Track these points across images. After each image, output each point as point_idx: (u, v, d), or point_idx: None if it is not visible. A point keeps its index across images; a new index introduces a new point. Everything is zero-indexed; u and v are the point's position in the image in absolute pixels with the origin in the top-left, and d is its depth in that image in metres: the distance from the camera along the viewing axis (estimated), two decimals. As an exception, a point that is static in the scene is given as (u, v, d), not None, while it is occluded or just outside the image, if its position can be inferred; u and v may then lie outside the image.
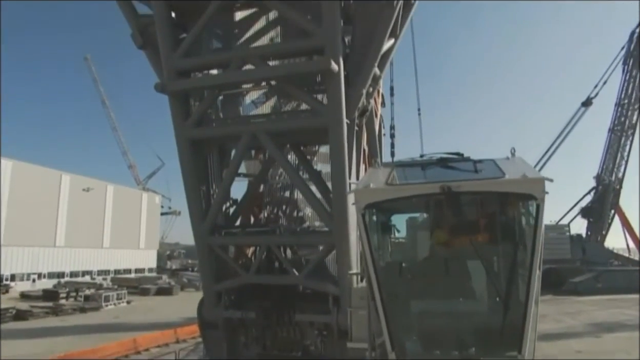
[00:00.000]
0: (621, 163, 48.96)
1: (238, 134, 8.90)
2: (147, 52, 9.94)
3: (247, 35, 9.67)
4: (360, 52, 8.79)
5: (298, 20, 8.42)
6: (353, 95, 8.57)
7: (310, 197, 8.94)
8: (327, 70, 7.87)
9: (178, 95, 9.12)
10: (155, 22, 9.15)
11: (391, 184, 5.90)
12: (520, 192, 5.41)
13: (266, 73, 8.59)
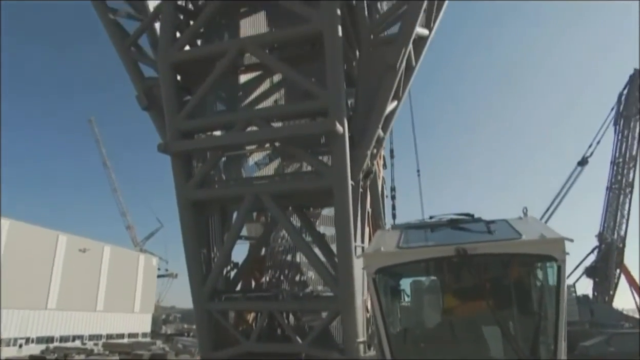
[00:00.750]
0: (622, 221, 48.68)
1: (241, 195, 8.77)
2: (151, 113, 10.05)
3: (251, 97, 9.77)
4: (364, 114, 8.84)
5: (302, 82, 8.53)
6: (358, 157, 8.52)
7: (314, 260, 8.67)
8: (331, 131, 7.87)
9: (181, 156, 9.09)
10: (161, 85, 9.29)
11: (403, 247, 5.68)
12: (539, 254, 5.18)
13: (270, 134, 8.59)
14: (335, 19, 8.28)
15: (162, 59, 9.22)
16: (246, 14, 10.39)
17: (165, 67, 9.19)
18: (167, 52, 9.21)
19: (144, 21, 11.00)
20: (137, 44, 10.63)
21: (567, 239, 5.04)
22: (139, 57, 10.38)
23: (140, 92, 9.96)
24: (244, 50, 9.08)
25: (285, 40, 9.16)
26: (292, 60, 9.15)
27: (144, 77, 10.22)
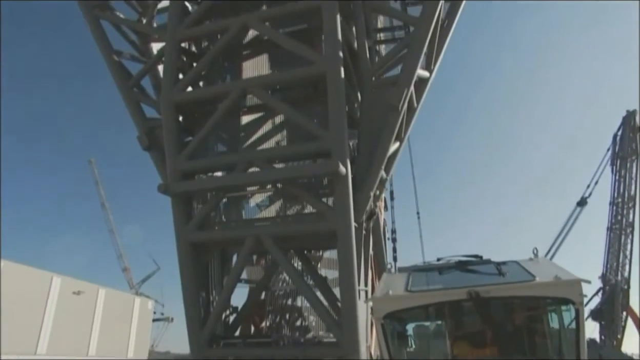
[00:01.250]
0: (625, 262, 48.15)
1: (241, 237, 8.58)
2: (152, 153, 10.01)
3: (253, 138, 9.73)
4: (367, 155, 8.79)
5: (304, 124, 8.51)
6: (361, 199, 8.41)
7: (316, 304, 8.39)
8: (334, 173, 7.78)
9: (181, 197, 8.97)
10: (163, 125, 9.28)
11: (412, 291, 5.48)
12: (556, 296, 4.98)
13: (272, 176, 8.49)
14: (338, 61, 8.35)
15: (164, 99, 9.24)
16: (249, 56, 10.51)
17: (167, 107, 9.20)
18: (169, 93, 9.24)
19: (147, 63, 11.14)
20: (139, 85, 10.71)
21: (584, 280, 4.86)
22: (141, 98, 10.43)
23: (141, 132, 9.95)
24: (246, 92, 9.12)
25: (288, 82, 9.22)
26: (295, 101, 9.17)
27: (146, 118, 10.23)
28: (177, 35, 9.74)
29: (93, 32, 10.77)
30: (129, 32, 11.61)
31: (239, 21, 9.40)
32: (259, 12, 9.67)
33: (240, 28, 9.50)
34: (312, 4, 8.94)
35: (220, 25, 9.71)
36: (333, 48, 8.48)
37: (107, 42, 10.78)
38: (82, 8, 10.87)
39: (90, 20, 10.78)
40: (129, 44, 11.60)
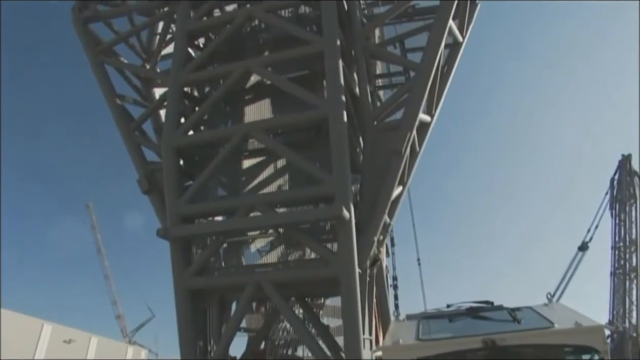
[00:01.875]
0: (632, 308, 47.22)
1: (242, 284, 8.32)
2: (151, 197, 9.89)
3: (255, 182, 9.63)
4: (370, 199, 8.68)
5: (307, 168, 8.43)
6: (364, 244, 8.21)
7: (318, 354, 8.03)
8: (338, 217, 7.63)
9: (180, 242, 8.76)
10: (163, 168, 9.19)
11: (424, 339, 5.22)
12: (578, 344, 4.71)
13: (274, 220, 8.32)
14: (341, 105, 8.37)
15: (165, 142, 9.20)
16: (251, 100, 10.58)
17: (168, 150, 9.15)
18: (171, 136, 9.21)
19: (149, 107, 11.21)
20: (141, 129, 10.73)
21: (605, 326, 4.62)
22: (142, 141, 10.41)
23: (141, 175, 9.87)
24: (248, 136, 9.09)
25: (291, 126, 9.22)
26: (297, 146, 9.14)
27: (147, 161, 10.18)
28: (180, 79, 9.82)
29: (97, 76, 10.88)
30: (132, 77, 11.77)
31: (241, 66, 9.51)
32: (262, 58, 9.80)
33: (243, 73, 9.59)
34: (315, 48, 9.07)
35: (223, 70, 9.82)
36: (335, 92, 8.52)
37: (111, 86, 10.88)
38: (88, 53, 11.02)
39: (95, 65, 10.91)
40: (132, 89, 11.72)
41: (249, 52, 10.53)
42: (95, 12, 11.37)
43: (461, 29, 10.76)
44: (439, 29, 9.46)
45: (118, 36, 11.65)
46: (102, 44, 11.32)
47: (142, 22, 12.05)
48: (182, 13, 10.58)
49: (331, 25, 9.16)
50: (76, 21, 11.24)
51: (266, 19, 10.14)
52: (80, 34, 11.19)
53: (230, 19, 10.30)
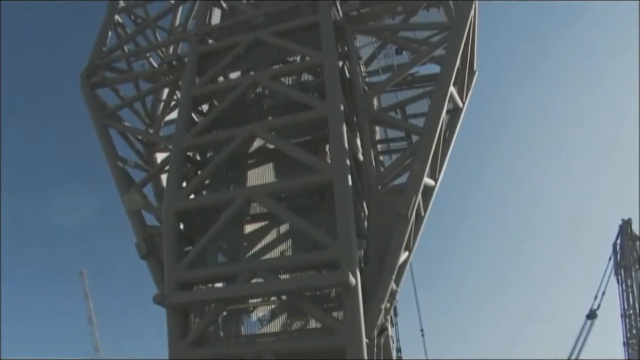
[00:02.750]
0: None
1: (242, 355, 7.87)
2: (149, 262, 9.68)
3: (257, 247, 9.40)
4: (376, 265, 8.45)
5: (312, 233, 8.24)
6: (371, 312, 7.90)
7: None
8: (344, 284, 7.37)
9: (178, 309, 8.40)
10: (163, 233, 9.00)
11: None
12: None
13: (277, 287, 8.03)
14: (345, 168, 8.34)
15: (166, 206, 9.06)
16: (253, 165, 10.56)
17: (169, 213, 8.99)
18: (172, 199, 9.09)
19: (150, 171, 11.18)
20: (141, 192, 10.62)
21: None
22: (143, 205, 10.26)
23: (140, 240, 9.68)
24: (251, 200, 8.97)
25: (294, 190, 9.15)
26: (300, 210, 8.99)
27: (146, 225, 10.00)
28: (183, 143, 9.85)
29: (101, 139, 10.97)
30: (135, 142, 11.85)
31: (245, 130, 9.57)
32: (266, 122, 9.89)
33: (247, 137, 9.64)
34: (319, 113, 9.19)
35: (227, 134, 9.86)
36: (340, 156, 8.52)
37: (114, 149, 10.93)
38: (93, 117, 11.16)
39: (99, 128, 11.01)
40: (134, 153, 11.77)
41: (252, 118, 10.63)
42: (103, 78, 11.63)
43: (461, 95, 11.00)
44: (441, 94, 9.63)
45: (123, 101, 11.85)
46: (108, 108, 11.48)
47: (147, 88, 12.32)
48: (187, 79, 10.81)
49: (334, 90, 9.33)
50: (84, 86, 11.47)
51: (270, 86, 10.35)
52: (87, 99, 11.38)
53: (235, 85, 10.52)
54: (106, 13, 12.81)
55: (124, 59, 12.21)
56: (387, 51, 12.75)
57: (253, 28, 11.33)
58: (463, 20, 9.85)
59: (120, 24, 12.99)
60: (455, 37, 9.78)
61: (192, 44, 11.38)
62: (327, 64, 9.78)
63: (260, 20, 11.56)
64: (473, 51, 11.13)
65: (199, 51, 11.27)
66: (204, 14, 12.12)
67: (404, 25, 11.59)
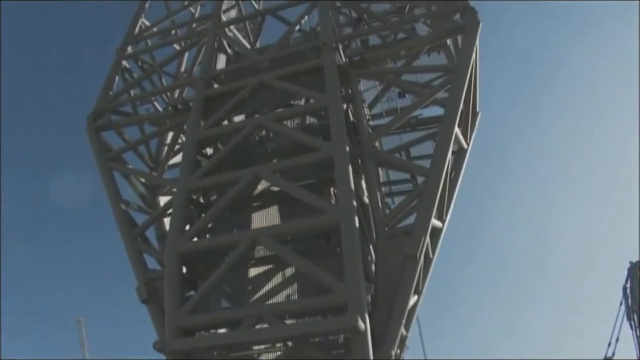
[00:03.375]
0: None
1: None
2: (149, 307, 9.38)
3: (262, 292, 9.13)
4: (385, 310, 8.17)
5: (318, 276, 8.02)
6: (381, 359, 7.53)
7: None
8: (353, 329, 7.07)
9: (179, 356, 8.04)
10: (165, 276, 8.77)
11: None
12: None
13: (283, 332, 7.72)
14: (352, 209, 8.22)
15: (169, 248, 8.88)
16: (257, 208, 10.44)
17: (171, 256, 8.79)
18: (175, 242, 8.92)
19: (153, 214, 11.06)
20: (143, 235, 10.49)
21: None
22: (144, 248, 10.12)
23: (141, 283, 9.43)
24: (256, 242, 8.80)
25: (301, 232, 8.99)
26: (306, 253, 8.79)
27: (147, 269, 9.79)
28: (187, 185, 9.78)
29: (104, 182, 10.92)
30: (138, 185, 11.79)
31: (250, 172, 9.51)
32: (271, 164, 9.85)
33: (252, 179, 9.57)
34: (324, 154, 9.17)
35: (232, 177, 9.79)
36: (346, 197, 8.42)
37: (117, 191, 10.86)
38: (98, 159, 11.15)
39: (103, 171, 10.98)
40: (137, 196, 11.69)
41: (256, 160, 10.61)
42: (109, 121, 11.71)
43: (465, 136, 11.05)
44: (446, 135, 9.63)
45: (127, 144, 11.88)
46: (112, 151, 11.49)
47: (152, 132, 12.39)
48: (192, 122, 10.89)
49: (339, 132, 9.35)
50: (90, 129, 11.53)
51: (275, 128, 10.40)
52: (92, 142, 11.42)
53: (240, 128, 10.56)
54: (114, 59, 13.08)
55: (130, 103, 12.35)
56: (390, 94, 12.94)
57: (258, 72, 11.55)
58: (465, 62, 9.99)
59: (127, 69, 13.24)
60: (459, 78, 9.90)
61: (198, 88, 11.54)
62: (331, 106, 9.85)
63: (265, 64, 11.80)
64: (475, 93, 11.26)
65: (204, 95, 11.42)
66: (209, 60, 12.35)
67: (408, 68, 11.80)
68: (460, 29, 10.44)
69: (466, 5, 10.44)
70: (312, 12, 12.86)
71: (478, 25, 10.17)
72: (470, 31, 10.16)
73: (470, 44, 10.02)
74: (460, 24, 10.35)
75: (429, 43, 11.15)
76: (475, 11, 10.28)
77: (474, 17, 10.21)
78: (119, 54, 13.18)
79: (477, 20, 10.20)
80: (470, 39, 10.07)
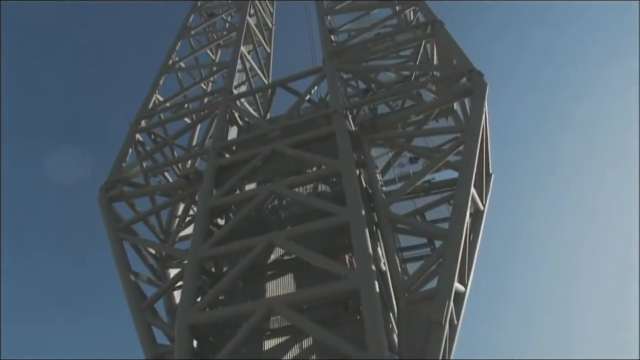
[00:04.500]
0: None
1: None
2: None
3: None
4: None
5: (339, 346, 7.52)
6: None
7: None
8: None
9: None
10: (175, 350, 8.29)
11: None
12: None
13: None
14: (371, 274, 7.91)
15: (180, 319, 8.45)
16: (271, 277, 10.10)
17: (182, 328, 8.34)
18: (186, 313, 8.51)
19: (163, 286, 10.72)
20: (152, 308, 10.09)
21: None
22: (153, 321, 9.67)
23: (149, 357, 8.88)
24: (272, 312, 8.38)
25: (318, 300, 8.56)
26: (323, 323, 8.31)
27: (156, 343, 9.29)
28: (199, 254, 9.53)
29: (114, 253, 10.69)
30: (148, 257, 11.53)
31: (264, 240, 9.29)
32: (286, 231, 9.63)
33: (266, 246, 9.32)
34: (340, 219, 9.01)
35: (245, 244, 9.54)
36: (365, 261, 8.14)
37: (127, 262, 10.60)
38: (109, 230, 10.99)
39: (113, 242, 10.78)
40: (147, 268, 11.40)
41: (269, 228, 10.41)
42: (121, 192, 11.68)
43: (480, 197, 10.87)
44: (463, 196, 9.46)
45: (138, 215, 11.77)
46: (123, 221, 11.36)
47: (163, 202, 12.34)
48: (204, 191, 10.84)
49: (354, 196, 9.27)
50: (102, 200, 11.49)
51: (288, 195, 10.31)
52: (103, 213, 11.33)
53: (252, 196, 10.47)
54: (128, 132, 13.33)
55: (142, 174, 12.39)
56: (402, 160, 12.95)
57: (269, 141, 11.67)
58: (476, 122, 10.06)
59: (140, 142, 13.44)
60: (471, 137, 9.93)
61: (210, 157, 11.62)
62: (345, 170, 9.84)
63: (277, 133, 11.96)
64: (487, 154, 11.24)
65: (216, 164, 11.48)
66: (221, 130, 12.56)
67: (419, 130, 11.89)
68: (468, 92, 10.64)
69: (472, 69, 10.71)
70: (321, 82, 13.26)
71: (485, 87, 10.37)
72: (478, 93, 10.34)
73: (480, 104, 10.17)
74: (468, 87, 10.57)
75: (438, 106, 11.34)
76: (481, 74, 10.53)
77: (480, 80, 10.44)
78: (133, 128, 13.44)
79: (484, 83, 10.42)
80: (479, 100, 10.24)
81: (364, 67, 13.65)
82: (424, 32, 13.28)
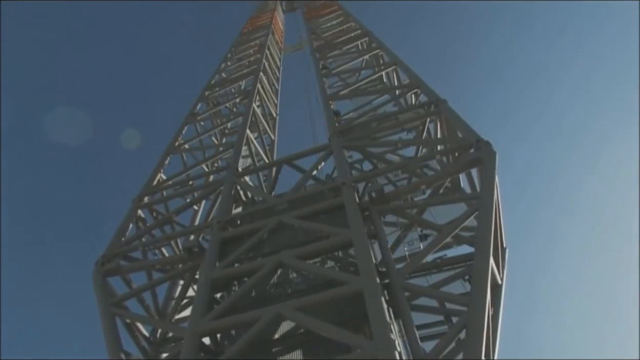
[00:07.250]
0: None
1: None
2: None
3: None
4: None
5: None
6: None
7: None
8: None
9: None
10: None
11: None
12: None
13: None
14: (391, 343, 7.23)
15: None
16: (278, 353, 9.21)
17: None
18: None
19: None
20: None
21: None
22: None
23: None
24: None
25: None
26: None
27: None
28: (198, 328, 8.77)
29: (105, 329, 9.83)
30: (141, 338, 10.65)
31: (271, 311, 8.60)
32: (295, 301, 8.97)
33: (273, 318, 8.60)
34: (354, 287, 8.45)
35: (250, 317, 8.83)
36: (382, 330, 7.46)
37: (118, 339, 9.71)
38: (101, 305, 10.23)
39: (105, 317, 9.97)
40: (139, 350, 10.46)
41: (275, 300, 9.74)
42: (118, 266, 11.07)
43: (497, 271, 10.37)
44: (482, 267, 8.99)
45: (134, 290, 11.08)
46: (116, 296, 10.63)
47: (160, 277, 11.71)
48: (207, 263, 10.31)
49: (367, 263, 8.83)
50: (97, 274, 10.86)
51: (297, 266, 9.81)
52: (97, 287, 10.65)
53: (259, 267, 9.93)
54: (130, 208, 13.01)
55: (141, 248, 11.87)
56: (412, 236, 12.54)
57: (276, 214, 11.36)
58: (489, 190, 9.86)
59: (141, 218, 13.07)
60: (485, 206, 9.67)
61: (214, 230, 11.22)
62: (356, 239, 9.45)
63: (284, 206, 11.67)
64: (500, 226, 10.91)
65: (220, 237, 11.05)
66: (226, 205, 12.28)
67: (431, 199, 11.65)
68: (478, 161, 10.57)
69: (479, 139, 10.76)
70: (327, 159, 13.27)
71: (495, 155, 10.33)
72: (488, 161, 10.28)
73: (491, 172, 10.05)
74: (477, 156, 10.52)
75: (449, 175, 11.23)
76: (489, 143, 10.55)
77: (489, 148, 10.44)
78: (135, 204, 13.16)
79: (494, 151, 10.40)
80: (490, 168, 10.14)
81: (370, 144, 13.76)
82: (428, 110, 13.60)
